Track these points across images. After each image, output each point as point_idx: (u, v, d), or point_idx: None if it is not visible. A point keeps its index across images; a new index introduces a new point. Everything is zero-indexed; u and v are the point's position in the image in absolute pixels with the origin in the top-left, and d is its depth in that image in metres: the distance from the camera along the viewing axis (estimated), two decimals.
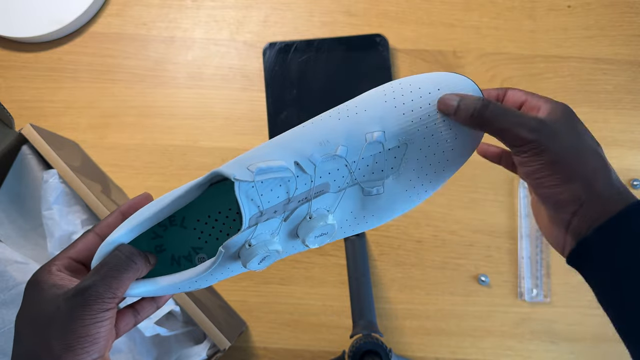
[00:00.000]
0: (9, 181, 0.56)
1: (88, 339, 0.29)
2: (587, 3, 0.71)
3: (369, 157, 0.34)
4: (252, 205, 0.31)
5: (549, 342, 0.65)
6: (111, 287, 0.30)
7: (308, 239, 0.33)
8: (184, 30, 0.71)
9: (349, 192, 0.34)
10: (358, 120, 0.34)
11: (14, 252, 0.53)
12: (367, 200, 0.35)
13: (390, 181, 0.35)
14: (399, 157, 0.34)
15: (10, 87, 0.69)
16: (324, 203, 0.33)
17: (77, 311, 0.29)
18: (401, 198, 0.35)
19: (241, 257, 0.32)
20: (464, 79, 0.35)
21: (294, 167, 0.32)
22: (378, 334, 0.50)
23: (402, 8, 0.71)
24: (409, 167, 0.34)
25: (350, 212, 0.35)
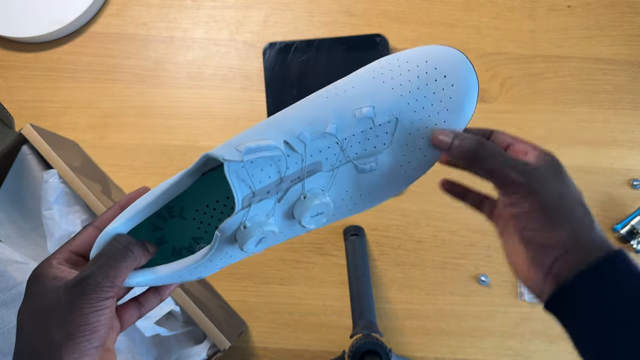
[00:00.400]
0: (9, 181, 0.56)
1: (88, 327, 0.29)
2: (587, 3, 0.71)
3: (359, 134, 0.33)
4: (244, 185, 0.31)
5: (549, 342, 0.65)
6: (109, 276, 0.30)
7: (304, 219, 0.33)
8: (184, 30, 0.71)
9: (343, 171, 0.34)
10: (347, 97, 0.34)
11: (14, 252, 0.53)
12: (362, 178, 0.34)
13: (384, 157, 0.34)
14: (390, 132, 0.34)
15: (10, 87, 0.69)
16: (317, 182, 0.33)
17: (76, 300, 0.29)
18: (396, 174, 0.35)
19: (237, 239, 0.32)
20: (450, 50, 0.34)
21: (284, 146, 0.32)
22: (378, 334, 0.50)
23: (402, 8, 0.71)
24: (402, 142, 0.34)
25: (345, 191, 0.34)
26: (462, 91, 0.34)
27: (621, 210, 0.66)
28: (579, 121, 0.68)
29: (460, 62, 0.34)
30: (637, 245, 0.64)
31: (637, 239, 0.64)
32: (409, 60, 0.34)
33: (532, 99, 0.69)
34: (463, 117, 0.35)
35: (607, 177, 0.67)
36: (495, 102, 0.69)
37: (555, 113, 0.69)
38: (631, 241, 0.64)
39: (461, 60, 0.34)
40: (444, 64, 0.34)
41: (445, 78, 0.34)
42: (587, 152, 0.67)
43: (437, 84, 0.34)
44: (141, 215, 0.33)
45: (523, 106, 0.69)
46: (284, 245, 0.66)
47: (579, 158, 0.68)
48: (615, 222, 0.66)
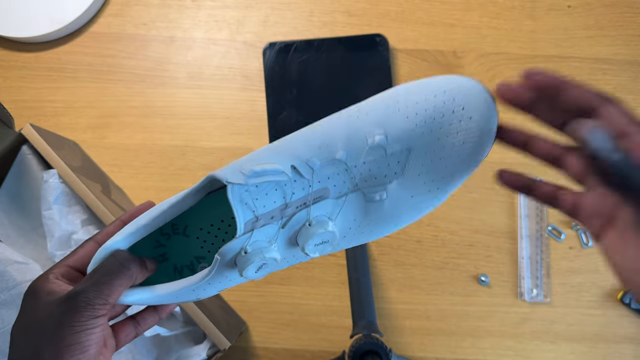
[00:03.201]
0: (8, 181, 0.56)
1: (78, 347, 0.28)
2: (587, 3, 0.71)
3: (370, 162, 0.32)
4: (247, 209, 0.30)
5: (549, 342, 0.65)
6: (102, 293, 0.29)
7: (307, 246, 0.32)
8: (184, 30, 0.71)
9: (351, 199, 0.32)
10: (359, 124, 0.33)
11: (14, 252, 0.53)
12: (371, 207, 0.33)
13: (395, 186, 0.33)
14: (402, 161, 0.32)
15: (10, 87, 0.69)
16: (324, 210, 0.32)
17: (66, 317, 0.28)
18: (407, 204, 0.34)
19: (237, 264, 0.31)
20: (470, 82, 0.32)
21: (291, 170, 0.31)
22: (378, 334, 0.50)
23: (402, 8, 0.71)
24: (414, 172, 0.33)
25: (353, 219, 0.33)
26: (481, 125, 0.32)
27: None
28: None
29: (479, 94, 0.32)
30: None
31: None
32: (425, 90, 0.33)
33: None
34: (479, 151, 0.33)
35: None
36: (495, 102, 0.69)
37: None
38: None
39: (481, 92, 0.32)
40: (462, 95, 0.32)
41: (463, 110, 0.32)
42: None
43: (454, 115, 0.32)
44: (143, 231, 0.33)
45: None
46: None
47: None
48: None
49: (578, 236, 0.66)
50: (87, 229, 0.55)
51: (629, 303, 0.63)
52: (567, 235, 0.66)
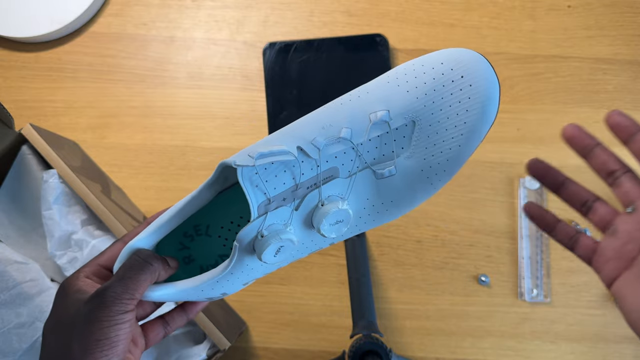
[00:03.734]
0: (8, 181, 0.56)
1: (107, 342, 0.29)
2: (587, 3, 0.71)
3: (376, 139, 0.32)
4: (258, 192, 0.30)
5: (549, 342, 0.65)
6: (128, 288, 0.30)
7: (323, 226, 0.32)
8: (184, 30, 0.71)
9: (361, 177, 0.33)
10: (361, 102, 0.33)
11: (14, 252, 0.53)
12: (382, 185, 0.33)
13: (403, 161, 0.33)
14: (407, 135, 0.33)
15: (10, 87, 0.69)
16: (335, 190, 0.32)
17: (95, 313, 0.29)
18: (418, 179, 0.33)
19: (256, 249, 0.31)
20: (466, 51, 0.33)
21: (297, 151, 0.31)
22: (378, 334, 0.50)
23: (402, 8, 0.71)
24: (421, 145, 0.33)
25: (366, 198, 0.33)
26: (482, 91, 0.32)
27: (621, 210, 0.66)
28: (579, 121, 0.68)
29: (477, 62, 0.32)
30: None
31: None
32: (424, 64, 0.33)
33: (532, 98, 0.69)
34: (485, 118, 0.33)
35: None
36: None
37: (555, 113, 0.69)
38: None
39: (478, 60, 0.32)
40: (460, 64, 0.32)
41: (462, 78, 0.32)
42: None
43: (454, 84, 0.32)
44: (164, 229, 0.33)
45: (523, 106, 0.69)
46: None
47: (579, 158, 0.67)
48: None
49: None
50: (87, 229, 0.55)
51: None
52: None
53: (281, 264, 0.33)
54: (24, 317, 0.49)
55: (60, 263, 0.54)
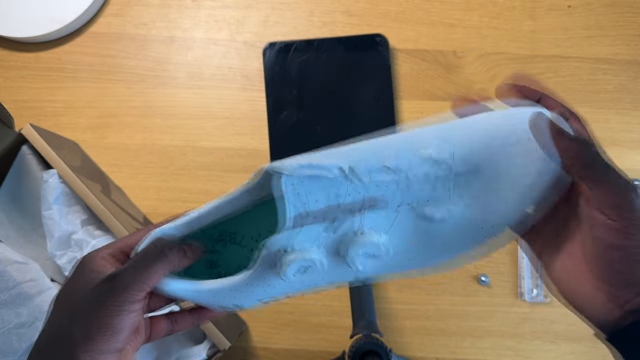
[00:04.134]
0: (8, 181, 0.56)
1: (109, 329, 0.28)
2: (587, 3, 0.71)
3: (432, 177, 0.29)
4: (298, 202, 0.28)
5: (549, 342, 0.65)
6: (140, 278, 0.29)
7: (350, 253, 0.29)
8: (184, 30, 0.71)
9: (408, 215, 0.30)
10: (423, 136, 0.30)
11: (14, 252, 0.53)
12: (431, 230, 0.30)
13: (459, 209, 0.30)
14: (469, 182, 0.30)
15: (10, 87, 0.69)
16: (377, 222, 0.29)
17: (102, 298, 0.28)
18: (473, 232, 0.30)
19: (278, 262, 0.29)
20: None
21: (348, 171, 0.29)
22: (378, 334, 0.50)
23: (402, 8, 0.71)
24: (483, 198, 0.30)
25: (409, 239, 0.30)
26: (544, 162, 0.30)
27: None
28: None
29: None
30: None
31: None
32: (507, 119, 0.31)
33: None
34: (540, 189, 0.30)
35: None
36: None
37: None
38: None
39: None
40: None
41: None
42: None
43: (526, 143, 0.30)
44: (195, 223, 0.32)
45: None
46: None
47: None
48: None
49: None
50: (87, 229, 0.55)
51: None
52: None
53: (301, 287, 0.31)
54: (24, 317, 0.49)
55: (60, 263, 0.54)
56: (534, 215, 0.31)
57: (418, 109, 0.69)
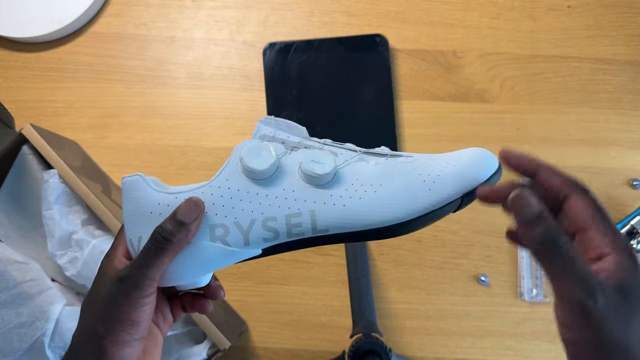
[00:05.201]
0: (9, 181, 0.56)
1: (128, 322, 0.31)
2: (587, 3, 0.71)
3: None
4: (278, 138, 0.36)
5: (548, 342, 0.65)
6: (147, 275, 0.31)
7: (306, 155, 0.34)
8: (184, 31, 0.71)
9: (359, 165, 0.35)
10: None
11: (14, 252, 0.53)
12: (372, 171, 0.34)
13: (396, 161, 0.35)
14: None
15: (11, 87, 0.69)
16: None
17: (117, 297, 0.31)
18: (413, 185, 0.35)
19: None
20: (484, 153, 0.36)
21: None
22: (378, 334, 0.50)
23: (402, 8, 0.71)
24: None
25: (357, 178, 0.34)
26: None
27: (621, 210, 0.66)
28: (579, 121, 0.68)
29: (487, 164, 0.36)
30: (637, 245, 0.64)
31: (637, 238, 0.64)
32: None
33: (532, 99, 0.69)
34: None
35: (607, 177, 0.67)
36: (495, 102, 0.69)
37: (555, 113, 0.69)
38: (631, 241, 0.64)
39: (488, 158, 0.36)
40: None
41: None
42: (587, 152, 0.67)
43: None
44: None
45: (523, 106, 0.69)
46: None
47: (579, 158, 0.68)
48: (615, 221, 0.66)
49: None
50: (88, 228, 0.55)
51: None
52: None
53: (275, 203, 0.33)
54: (24, 316, 0.49)
55: (60, 263, 0.54)
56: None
57: (418, 109, 0.69)
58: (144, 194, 0.34)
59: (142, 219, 0.33)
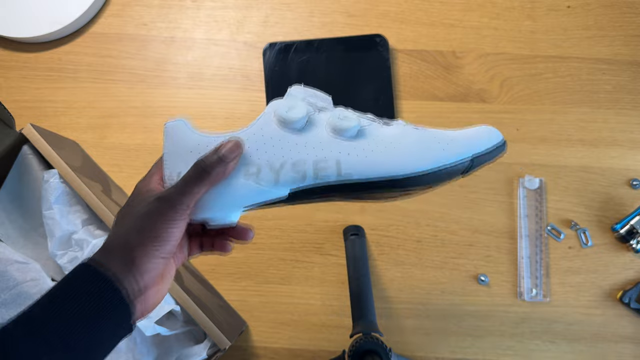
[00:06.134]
0: (9, 181, 0.56)
1: (159, 238, 0.33)
2: (586, 3, 0.71)
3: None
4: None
5: (548, 342, 0.65)
6: (184, 200, 0.34)
7: (334, 113, 0.37)
8: (184, 31, 0.71)
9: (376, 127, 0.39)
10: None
11: (15, 252, 0.53)
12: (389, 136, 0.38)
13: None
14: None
15: (11, 87, 0.69)
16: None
17: (154, 213, 0.34)
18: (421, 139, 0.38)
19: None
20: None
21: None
22: (378, 334, 0.50)
23: (402, 8, 0.71)
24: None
25: (378, 136, 0.38)
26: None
27: (621, 210, 0.66)
28: (578, 121, 0.69)
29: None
30: (637, 244, 0.64)
31: (636, 238, 0.64)
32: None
33: (532, 99, 0.69)
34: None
35: (606, 177, 0.67)
36: (495, 102, 0.69)
37: (555, 113, 0.69)
38: (630, 241, 0.64)
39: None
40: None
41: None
42: (587, 152, 0.68)
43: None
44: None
45: (523, 106, 0.69)
46: (284, 244, 0.66)
47: (579, 158, 0.68)
48: (615, 221, 0.66)
49: (577, 236, 0.66)
50: (88, 228, 0.55)
51: (628, 303, 0.63)
52: (566, 235, 0.66)
53: (303, 150, 0.36)
54: None
55: (60, 263, 0.54)
56: None
57: (418, 109, 0.69)
58: (185, 135, 0.38)
59: (183, 157, 0.37)
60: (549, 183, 0.67)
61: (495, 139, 0.39)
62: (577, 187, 0.67)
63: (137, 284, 0.33)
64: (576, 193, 0.67)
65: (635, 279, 0.65)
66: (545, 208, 0.66)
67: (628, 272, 0.65)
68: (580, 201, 0.67)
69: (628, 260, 0.65)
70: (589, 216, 0.66)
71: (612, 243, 0.66)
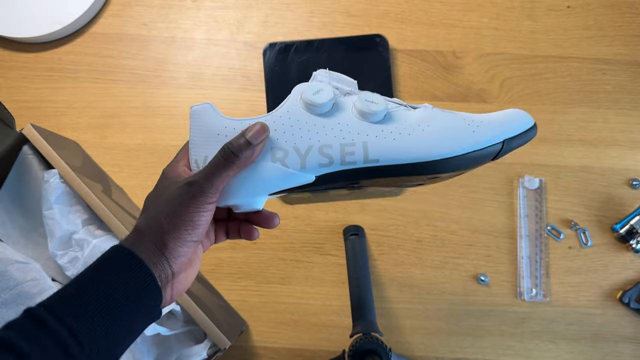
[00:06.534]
0: (10, 181, 0.56)
1: (191, 223, 0.33)
2: (586, 3, 0.71)
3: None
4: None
5: (548, 342, 0.65)
6: (213, 184, 0.34)
7: (362, 95, 0.37)
8: (184, 31, 0.71)
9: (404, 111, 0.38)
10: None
11: (15, 252, 0.53)
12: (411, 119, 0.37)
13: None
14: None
15: (11, 87, 0.69)
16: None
17: (185, 198, 0.34)
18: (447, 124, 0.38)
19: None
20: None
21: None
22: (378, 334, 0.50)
23: (402, 8, 0.71)
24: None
25: (405, 120, 0.38)
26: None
27: (620, 210, 0.66)
28: (578, 121, 0.69)
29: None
30: (637, 244, 0.64)
31: (636, 238, 0.64)
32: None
33: (532, 99, 0.69)
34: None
35: (606, 177, 0.67)
36: (495, 102, 0.69)
37: (555, 113, 0.69)
38: (630, 241, 0.64)
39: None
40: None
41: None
42: (587, 152, 0.68)
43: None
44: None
45: (523, 106, 0.69)
46: (285, 245, 0.66)
47: (579, 158, 0.68)
48: (615, 221, 0.66)
49: (577, 236, 0.66)
50: (88, 228, 0.55)
51: (628, 302, 0.63)
52: (566, 235, 0.66)
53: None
54: None
55: (61, 263, 0.54)
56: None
57: None
58: (212, 119, 0.37)
59: (209, 141, 0.37)
60: (548, 183, 0.67)
61: (527, 123, 0.37)
62: (577, 187, 0.67)
63: (170, 269, 0.33)
64: (576, 193, 0.67)
65: (635, 279, 0.65)
66: (545, 208, 0.66)
67: (628, 272, 0.65)
68: (580, 201, 0.67)
69: (628, 260, 0.65)
70: (589, 216, 0.66)
71: (612, 243, 0.66)
